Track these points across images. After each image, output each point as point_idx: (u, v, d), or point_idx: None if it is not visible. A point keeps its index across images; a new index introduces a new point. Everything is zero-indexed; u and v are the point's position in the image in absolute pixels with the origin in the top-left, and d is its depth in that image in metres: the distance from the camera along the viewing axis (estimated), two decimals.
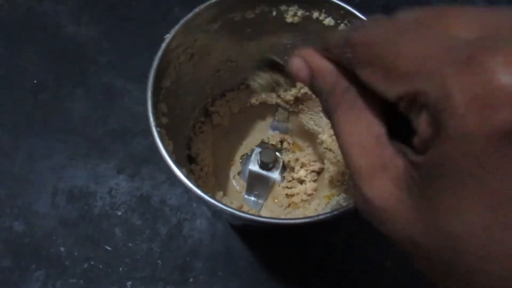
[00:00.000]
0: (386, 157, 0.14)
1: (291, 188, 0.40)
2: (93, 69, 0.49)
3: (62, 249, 0.40)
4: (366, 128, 0.15)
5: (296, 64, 0.19)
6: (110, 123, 0.46)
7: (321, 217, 0.24)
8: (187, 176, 0.24)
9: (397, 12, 0.15)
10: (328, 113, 0.17)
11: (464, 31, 0.13)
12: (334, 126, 0.17)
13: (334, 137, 0.39)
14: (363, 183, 0.15)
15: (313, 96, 0.40)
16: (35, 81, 0.48)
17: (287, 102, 0.41)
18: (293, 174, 0.40)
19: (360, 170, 0.15)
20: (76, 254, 0.40)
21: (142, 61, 0.48)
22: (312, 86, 0.19)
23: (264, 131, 0.42)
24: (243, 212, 0.24)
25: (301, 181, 0.40)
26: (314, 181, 0.40)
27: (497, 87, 0.10)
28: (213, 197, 0.23)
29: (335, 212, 0.24)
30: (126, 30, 0.52)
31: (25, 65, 0.49)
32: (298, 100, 0.41)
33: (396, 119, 0.15)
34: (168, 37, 0.28)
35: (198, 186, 0.24)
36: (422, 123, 0.12)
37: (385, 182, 0.14)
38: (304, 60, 0.18)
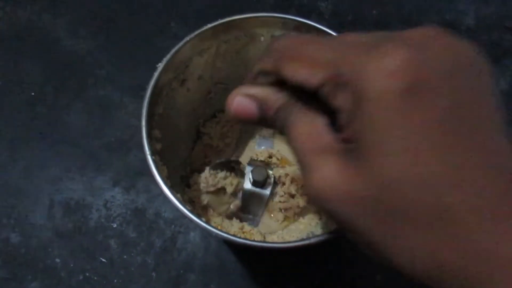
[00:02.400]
0: (329, 141, 0.17)
1: (284, 202, 0.41)
2: (90, 82, 0.50)
3: (58, 260, 0.41)
4: (312, 122, 0.18)
5: (239, 101, 0.20)
6: (106, 135, 0.47)
7: (305, 242, 0.25)
8: (181, 202, 0.25)
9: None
10: (282, 127, 0.19)
11: (365, 38, 0.17)
12: (287, 130, 0.19)
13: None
14: (312, 159, 0.17)
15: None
16: (32, 93, 0.49)
17: None
18: (285, 188, 0.41)
19: (309, 151, 0.17)
20: (71, 265, 0.40)
21: (139, 74, 0.50)
22: (261, 115, 0.19)
23: (253, 149, 0.43)
24: (235, 236, 0.25)
25: (293, 195, 0.41)
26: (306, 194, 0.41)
27: (392, 61, 0.14)
28: (207, 223, 0.24)
29: (321, 238, 0.25)
30: (123, 44, 0.53)
31: (23, 78, 0.50)
32: None
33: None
34: (160, 66, 0.29)
35: (191, 211, 0.24)
36: (344, 99, 0.16)
37: (329, 158, 0.17)
38: (245, 95, 0.19)
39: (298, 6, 0.57)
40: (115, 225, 0.42)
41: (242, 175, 0.38)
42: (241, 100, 0.20)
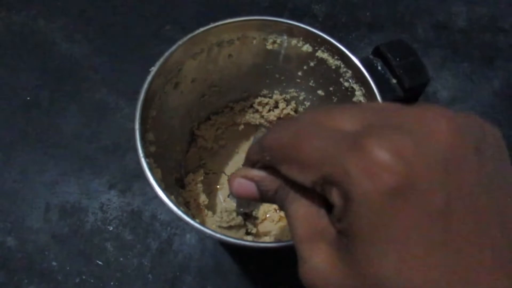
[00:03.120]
0: (324, 226, 0.17)
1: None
2: (86, 86, 0.50)
3: (54, 263, 0.41)
4: (309, 205, 0.18)
5: (239, 183, 0.21)
6: (102, 139, 0.47)
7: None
8: (175, 203, 0.25)
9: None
10: (281, 206, 0.20)
11: (349, 125, 0.16)
12: (285, 211, 0.19)
13: None
14: (304, 250, 0.17)
15: (296, 115, 0.42)
16: (28, 98, 0.49)
17: (270, 122, 0.42)
18: None
19: (303, 238, 0.17)
20: (68, 268, 0.41)
21: (134, 78, 0.50)
22: (261, 195, 0.21)
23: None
24: (229, 236, 0.25)
25: None
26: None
27: (376, 159, 0.14)
28: (201, 223, 0.25)
29: None
30: (118, 48, 0.53)
31: (18, 82, 0.50)
32: (280, 119, 0.42)
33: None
34: (153, 69, 0.29)
35: (185, 213, 0.25)
36: (334, 198, 0.15)
37: (323, 245, 0.17)
38: (245, 177, 0.21)
39: (291, 9, 0.58)
40: (111, 228, 0.43)
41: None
42: (241, 182, 0.21)
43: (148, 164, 0.26)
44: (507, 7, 0.59)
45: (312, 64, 0.36)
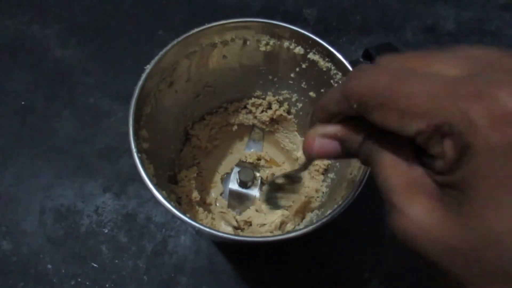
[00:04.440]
0: (420, 178, 0.16)
1: None
2: (80, 90, 0.51)
3: (49, 266, 0.41)
4: (397, 153, 0.17)
5: (319, 143, 0.19)
6: (96, 142, 0.47)
7: (289, 235, 0.25)
8: (166, 198, 0.26)
9: (378, 57, 0.18)
10: (365, 159, 0.19)
11: (451, 71, 0.15)
12: (371, 162, 0.18)
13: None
14: (403, 199, 0.16)
15: (288, 117, 0.43)
16: (22, 102, 0.50)
17: (263, 122, 0.43)
18: None
19: (398, 189, 0.16)
20: (63, 271, 0.41)
21: (128, 82, 0.50)
22: (344, 152, 0.19)
23: (242, 151, 0.44)
24: (218, 230, 0.26)
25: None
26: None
27: (506, 108, 0.13)
28: (190, 217, 0.25)
29: (303, 231, 0.26)
30: (112, 52, 0.54)
31: (13, 87, 0.51)
32: (273, 121, 0.43)
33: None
34: (148, 67, 0.30)
35: (175, 207, 0.25)
36: (447, 148, 0.14)
37: (423, 197, 0.16)
38: (324, 135, 0.19)
39: (283, 13, 0.59)
40: (106, 230, 0.43)
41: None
42: (322, 142, 0.19)
43: (140, 159, 0.27)
44: (493, 11, 0.61)
45: (304, 66, 0.37)
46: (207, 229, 0.25)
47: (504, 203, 0.13)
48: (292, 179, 0.36)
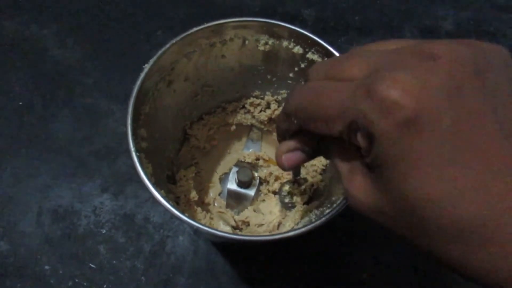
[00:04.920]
0: (357, 163, 0.20)
1: (265, 201, 0.41)
2: (78, 91, 0.51)
3: (47, 267, 0.41)
4: (344, 151, 0.22)
5: (287, 157, 0.24)
6: (94, 143, 0.47)
7: (287, 234, 0.25)
8: (164, 197, 0.25)
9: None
10: (327, 155, 0.24)
11: (358, 73, 0.19)
12: (332, 159, 0.23)
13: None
14: (347, 182, 0.21)
15: None
16: (20, 103, 0.50)
17: (261, 122, 0.43)
18: (268, 187, 0.42)
19: (344, 173, 0.21)
20: (61, 272, 0.40)
21: (126, 82, 0.50)
22: (307, 155, 0.24)
23: (240, 151, 0.44)
24: (217, 230, 0.26)
25: (276, 193, 0.42)
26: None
27: (387, 99, 0.16)
28: (189, 217, 0.25)
29: (302, 230, 0.26)
30: (110, 53, 0.54)
31: (10, 87, 0.50)
32: (272, 120, 0.43)
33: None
34: (146, 66, 0.30)
35: (174, 206, 0.25)
36: (360, 140, 0.18)
37: (359, 177, 0.20)
38: (288, 150, 0.24)
39: (282, 13, 0.59)
40: (104, 231, 0.43)
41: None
42: (289, 156, 0.24)
43: (139, 158, 0.27)
44: (491, 12, 0.61)
45: (303, 65, 0.37)
46: (206, 228, 0.25)
47: (401, 173, 0.17)
48: (298, 183, 0.37)
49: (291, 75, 0.38)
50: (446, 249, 0.17)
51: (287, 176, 0.41)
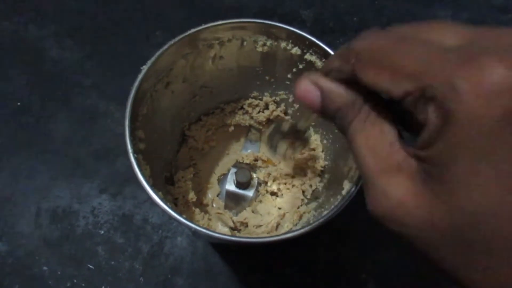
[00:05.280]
0: (400, 158, 0.16)
1: (264, 202, 0.41)
2: (77, 91, 0.51)
3: (45, 268, 0.41)
4: (380, 136, 0.17)
5: (305, 86, 0.19)
6: (93, 143, 0.47)
7: (286, 235, 0.25)
8: (162, 199, 0.25)
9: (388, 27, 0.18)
10: (342, 127, 0.18)
11: (450, 40, 0.15)
12: (350, 138, 0.18)
13: (304, 154, 0.41)
14: (381, 181, 0.16)
15: (285, 117, 0.43)
16: (18, 104, 0.49)
17: (259, 123, 0.43)
18: (267, 187, 0.42)
19: (373, 171, 0.16)
20: (59, 273, 0.40)
21: (124, 83, 0.49)
22: (323, 107, 0.19)
23: (238, 152, 0.44)
24: (214, 231, 0.26)
25: (274, 194, 0.42)
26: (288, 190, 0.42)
27: (497, 79, 0.12)
28: (187, 218, 0.25)
29: (300, 231, 0.26)
30: (109, 54, 0.54)
31: (9, 88, 0.50)
32: (270, 121, 0.43)
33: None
34: (144, 68, 0.30)
35: (171, 208, 0.25)
36: (430, 115, 0.14)
37: (402, 179, 0.16)
38: (313, 82, 0.19)
39: (280, 14, 0.59)
40: (102, 232, 0.43)
41: None
42: (307, 86, 0.19)
43: (137, 159, 0.27)
44: (489, 12, 0.61)
45: (301, 66, 0.37)
46: (204, 230, 0.25)
47: (483, 181, 0.13)
48: (297, 133, 0.34)
49: (289, 76, 0.39)
50: (491, 273, 0.13)
51: (285, 177, 0.41)
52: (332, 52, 0.33)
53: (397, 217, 0.15)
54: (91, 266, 0.41)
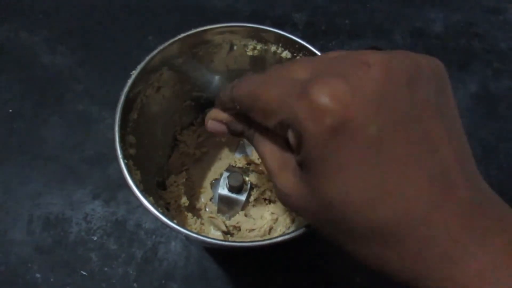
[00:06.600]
0: (287, 159, 0.21)
1: (257, 206, 0.41)
2: (69, 97, 0.51)
3: (38, 275, 0.40)
4: (275, 144, 0.22)
5: (212, 125, 0.26)
6: (85, 149, 0.47)
7: (279, 239, 0.25)
8: (153, 204, 0.25)
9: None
10: (249, 140, 0.24)
11: (302, 74, 0.19)
12: (255, 146, 0.24)
13: None
14: (275, 178, 0.21)
15: None
16: (10, 110, 0.49)
17: None
18: (259, 191, 0.41)
19: (273, 169, 0.22)
20: (52, 280, 0.40)
21: (117, 88, 0.49)
22: (230, 132, 0.26)
23: (231, 156, 0.44)
24: (206, 236, 0.25)
25: (267, 198, 0.42)
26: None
27: (318, 104, 0.16)
28: (178, 224, 0.25)
29: (293, 234, 0.26)
30: (101, 59, 0.54)
31: (1, 94, 0.50)
32: None
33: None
34: (133, 73, 0.30)
35: (162, 213, 0.25)
36: (290, 137, 0.19)
37: (287, 174, 0.21)
38: (217, 120, 0.26)
39: (273, 18, 0.59)
40: (95, 238, 0.42)
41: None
42: (213, 125, 0.26)
43: (127, 165, 0.27)
44: (481, 13, 0.61)
45: None
46: (195, 235, 0.25)
47: (327, 176, 0.17)
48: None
49: None
50: (364, 249, 0.18)
51: None
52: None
53: (290, 203, 0.21)
54: (84, 273, 0.41)
